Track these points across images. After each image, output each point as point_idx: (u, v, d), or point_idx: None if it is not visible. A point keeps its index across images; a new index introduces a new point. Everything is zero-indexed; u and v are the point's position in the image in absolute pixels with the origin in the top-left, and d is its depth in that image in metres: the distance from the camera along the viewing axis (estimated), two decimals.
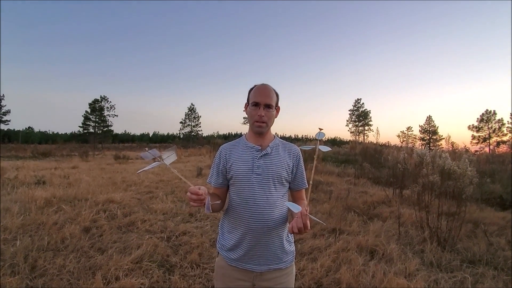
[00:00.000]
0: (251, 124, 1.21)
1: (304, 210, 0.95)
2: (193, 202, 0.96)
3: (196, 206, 0.98)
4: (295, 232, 0.96)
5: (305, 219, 0.94)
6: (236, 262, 1.16)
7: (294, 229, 0.95)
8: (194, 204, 0.97)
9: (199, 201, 0.96)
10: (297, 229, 0.95)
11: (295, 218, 0.97)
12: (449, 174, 3.45)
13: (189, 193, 0.96)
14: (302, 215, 0.95)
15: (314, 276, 2.51)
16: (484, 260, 2.88)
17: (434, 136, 46.85)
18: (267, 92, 1.19)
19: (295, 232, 0.96)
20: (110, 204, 4.76)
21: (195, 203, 0.96)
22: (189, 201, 0.97)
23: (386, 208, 4.87)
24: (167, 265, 2.73)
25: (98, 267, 2.58)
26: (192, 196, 0.95)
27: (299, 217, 0.96)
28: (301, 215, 0.95)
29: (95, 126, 42.88)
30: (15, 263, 2.55)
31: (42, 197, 4.74)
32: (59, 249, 2.96)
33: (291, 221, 0.99)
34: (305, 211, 0.95)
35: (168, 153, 0.96)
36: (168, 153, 0.96)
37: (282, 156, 1.22)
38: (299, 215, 0.96)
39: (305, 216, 0.95)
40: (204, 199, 0.96)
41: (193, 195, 0.95)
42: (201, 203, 0.96)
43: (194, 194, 0.95)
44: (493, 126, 41.32)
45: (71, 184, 6.59)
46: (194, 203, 0.96)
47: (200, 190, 0.96)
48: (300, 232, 0.96)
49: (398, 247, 3.14)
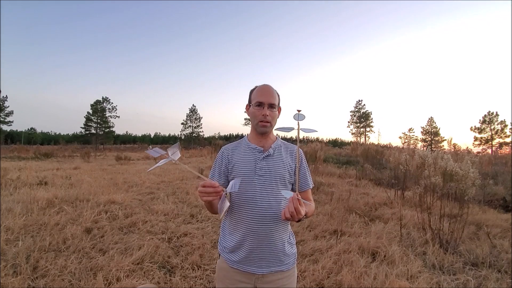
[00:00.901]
0: (255, 124, 1.21)
1: (295, 194, 0.95)
2: (208, 196, 0.93)
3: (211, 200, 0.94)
4: (287, 217, 0.96)
5: (296, 203, 0.94)
6: (237, 264, 1.15)
7: (286, 214, 0.95)
8: (209, 198, 0.93)
9: (215, 193, 0.92)
10: (289, 213, 0.95)
11: (288, 204, 0.97)
12: (451, 175, 3.43)
13: (202, 187, 0.93)
14: (293, 199, 0.95)
15: (315, 278, 2.50)
16: (487, 262, 2.86)
17: (436, 138, 46.63)
18: (270, 92, 1.19)
19: (287, 217, 0.96)
20: (112, 205, 4.77)
21: (210, 197, 0.93)
22: (203, 195, 0.93)
23: (388, 210, 4.85)
24: (168, 266, 2.72)
25: (99, 268, 2.58)
26: (208, 189, 0.92)
27: (290, 201, 0.95)
28: (292, 200, 0.95)
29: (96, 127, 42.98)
30: (17, 264, 2.55)
31: (44, 198, 4.75)
32: (60, 249, 2.96)
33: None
34: (296, 195, 0.95)
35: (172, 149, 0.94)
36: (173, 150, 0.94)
37: (284, 157, 1.21)
38: (290, 200, 0.96)
39: (296, 201, 0.94)
40: (221, 192, 0.93)
41: (209, 187, 0.92)
42: (217, 195, 0.93)
43: (209, 186, 0.92)
44: (495, 128, 41.10)
45: (73, 185, 6.62)
46: (209, 196, 0.93)
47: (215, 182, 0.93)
48: (293, 217, 0.95)
49: (400, 249, 3.12)
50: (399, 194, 5.80)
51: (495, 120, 41.20)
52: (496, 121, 41.16)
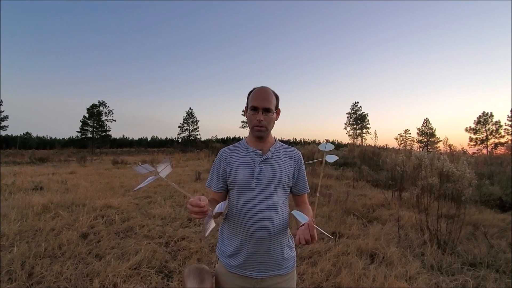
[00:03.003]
0: (251, 129, 1.20)
1: (311, 220, 0.93)
2: (195, 215, 0.91)
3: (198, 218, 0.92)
4: (302, 243, 0.94)
5: (312, 230, 0.92)
6: (236, 269, 1.14)
7: (302, 241, 0.93)
8: (196, 217, 0.91)
9: (202, 213, 0.90)
10: (305, 240, 0.92)
11: (301, 229, 0.94)
12: (448, 176, 3.45)
13: (189, 205, 0.91)
14: (310, 226, 0.93)
15: (314, 281, 2.49)
16: (485, 262, 2.87)
17: (431, 139, 47.03)
18: (265, 95, 1.17)
19: (302, 243, 0.94)
20: (108, 209, 4.72)
21: (197, 216, 0.91)
22: (191, 212, 0.91)
23: (386, 211, 4.86)
24: (165, 271, 2.70)
25: (95, 273, 2.54)
26: (193, 209, 0.90)
27: (306, 228, 0.93)
28: (308, 226, 0.93)
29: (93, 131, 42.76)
30: (12, 270, 2.51)
31: (39, 203, 4.70)
32: (56, 255, 2.92)
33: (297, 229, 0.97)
34: (312, 222, 0.93)
35: (163, 165, 0.92)
36: (163, 165, 0.91)
37: (283, 161, 1.20)
38: (306, 226, 0.93)
39: (312, 228, 0.93)
40: (207, 211, 0.91)
41: (194, 207, 0.89)
42: (204, 215, 0.91)
43: (195, 206, 0.89)
44: (490, 128, 41.56)
45: (69, 189, 6.55)
46: (196, 215, 0.91)
47: (202, 201, 0.90)
48: (308, 243, 0.94)
49: (398, 250, 3.13)
50: (397, 195, 5.82)
51: (489, 120, 41.67)
52: (490, 121, 41.63)
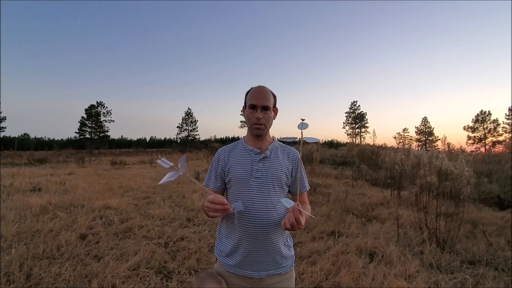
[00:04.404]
0: (249, 127, 1.20)
1: (296, 204, 0.93)
2: (215, 212, 0.88)
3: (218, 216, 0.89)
4: (288, 227, 0.94)
5: (297, 214, 0.92)
6: (234, 269, 1.13)
7: (287, 224, 0.93)
8: (216, 215, 0.88)
9: (223, 210, 0.87)
10: (290, 224, 0.92)
11: (288, 214, 0.95)
12: (446, 174, 3.45)
13: (209, 202, 0.87)
14: (294, 209, 0.93)
15: (313, 280, 2.48)
16: (484, 260, 2.88)
17: (430, 137, 47.18)
18: (263, 94, 1.18)
19: (287, 227, 0.94)
20: (107, 210, 4.71)
21: (216, 213, 0.88)
22: (209, 210, 0.88)
23: (385, 210, 4.87)
24: (164, 272, 2.69)
25: (94, 274, 2.53)
26: (215, 206, 0.86)
27: (291, 211, 0.93)
28: (293, 210, 0.93)
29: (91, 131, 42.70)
30: (10, 272, 2.50)
31: (37, 204, 4.68)
32: (54, 257, 2.91)
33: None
34: (297, 205, 0.93)
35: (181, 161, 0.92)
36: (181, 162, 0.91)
37: (281, 159, 1.21)
38: (291, 210, 0.93)
39: (296, 211, 0.92)
40: (229, 209, 0.88)
41: (217, 204, 0.86)
42: (223, 214, 0.88)
43: (218, 203, 0.86)
44: (488, 127, 41.75)
45: (67, 190, 6.53)
46: (216, 213, 0.88)
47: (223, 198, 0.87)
48: (293, 228, 0.93)
49: (398, 248, 3.13)
50: (395, 194, 5.83)
51: (487, 119, 41.86)
52: (488, 120, 41.82)
